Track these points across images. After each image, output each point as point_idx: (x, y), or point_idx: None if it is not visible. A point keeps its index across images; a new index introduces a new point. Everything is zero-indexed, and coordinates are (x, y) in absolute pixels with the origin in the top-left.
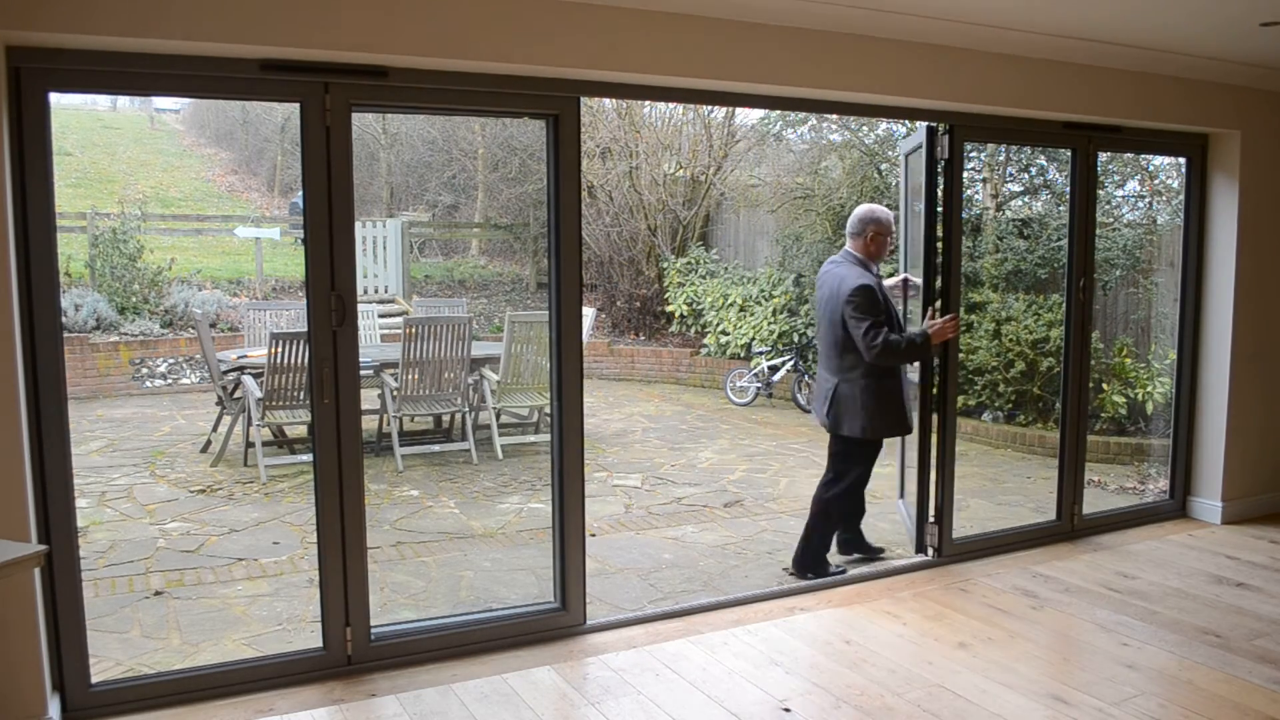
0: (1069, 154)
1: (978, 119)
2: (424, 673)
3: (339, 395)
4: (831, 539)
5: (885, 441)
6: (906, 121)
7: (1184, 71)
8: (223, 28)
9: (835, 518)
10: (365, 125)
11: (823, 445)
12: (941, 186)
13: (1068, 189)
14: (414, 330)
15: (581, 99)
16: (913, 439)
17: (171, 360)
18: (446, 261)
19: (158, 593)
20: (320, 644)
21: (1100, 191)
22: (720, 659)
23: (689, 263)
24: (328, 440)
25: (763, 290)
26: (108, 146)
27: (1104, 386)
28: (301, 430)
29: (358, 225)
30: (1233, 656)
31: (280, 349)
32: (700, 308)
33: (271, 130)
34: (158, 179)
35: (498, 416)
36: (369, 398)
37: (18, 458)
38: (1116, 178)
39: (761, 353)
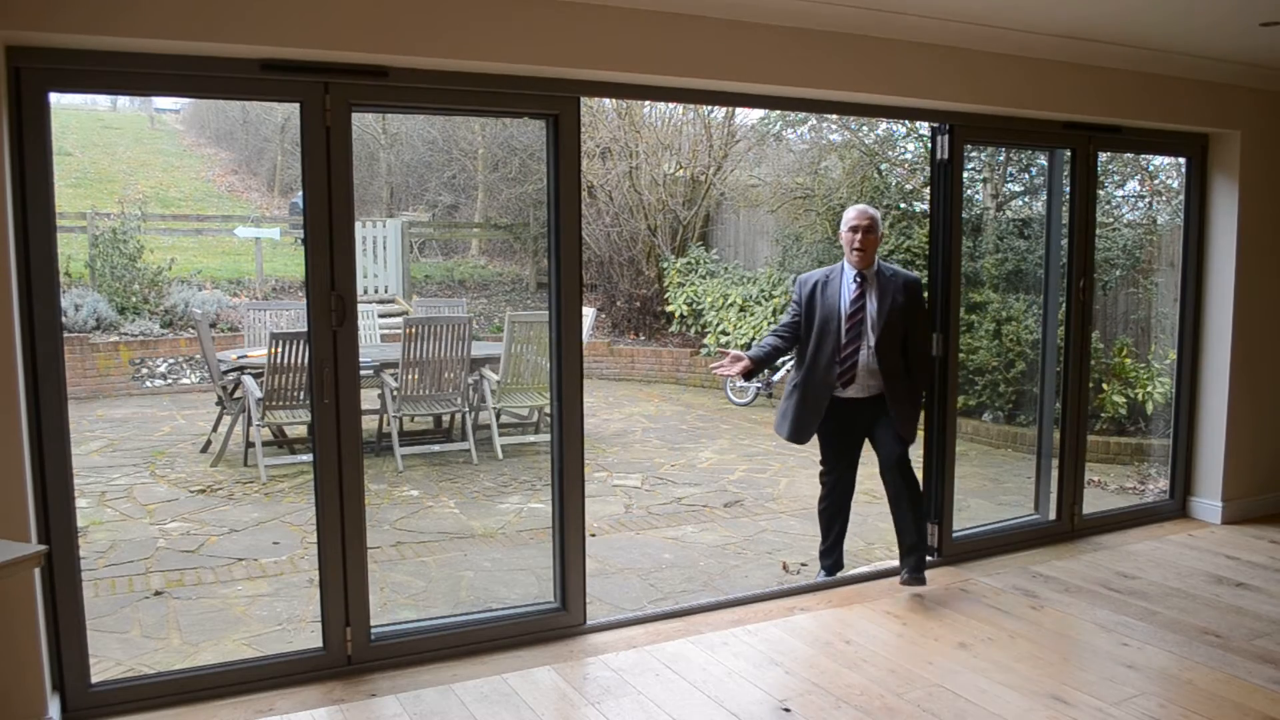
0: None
1: (978, 119)
2: (424, 673)
3: (339, 395)
4: (823, 534)
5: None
6: (906, 121)
7: (1183, 71)
8: (223, 28)
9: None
10: (365, 125)
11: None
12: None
13: (1065, 191)
14: (414, 330)
15: (581, 99)
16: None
17: (171, 360)
18: (446, 261)
19: (158, 593)
20: (320, 644)
21: (1100, 191)
22: (720, 659)
23: (689, 263)
24: (328, 440)
25: (763, 290)
26: (108, 146)
27: (1104, 386)
28: (301, 430)
29: (358, 225)
30: (1233, 656)
31: (280, 349)
32: (700, 308)
33: (271, 130)
34: (158, 179)
35: (498, 416)
36: (369, 398)
37: (18, 458)
38: (1116, 178)
39: None
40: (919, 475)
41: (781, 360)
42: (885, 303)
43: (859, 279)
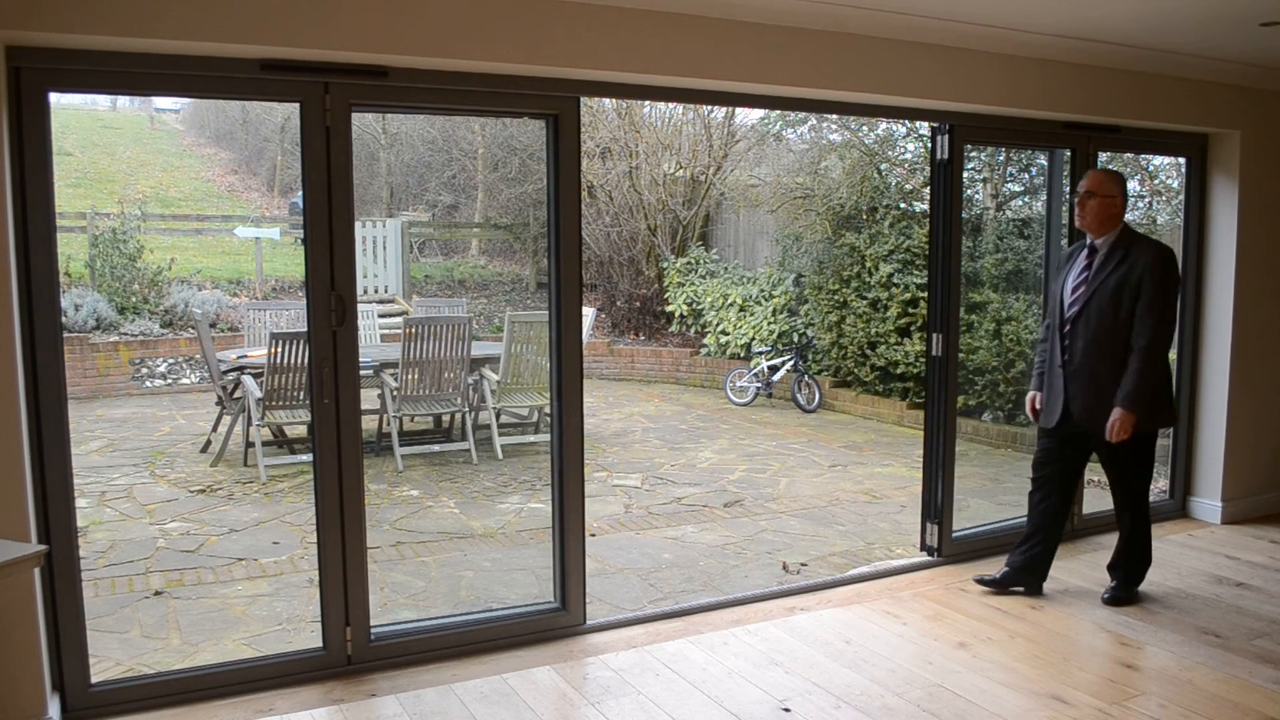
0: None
1: (977, 119)
2: (424, 673)
3: (339, 395)
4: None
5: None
6: (906, 121)
7: (1184, 71)
8: (223, 28)
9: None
10: (365, 125)
11: (822, 445)
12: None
13: (1065, 191)
14: (414, 330)
15: (581, 99)
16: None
17: (171, 360)
18: (446, 261)
19: (158, 593)
20: (320, 644)
21: None
22: (720, 659)
23: (689, 263)
24: (328, 440)
25: (763, 290)
26: (108, 146)
27: None
28: (301, 430)
29: (358, 225)
30: (1233, 656)
31: (280, 349)
32: (700, 308)
33: (271, 130)
34: (158, 179)
35: (498, 416)
36: (369, 398)
37: (18, 458)
38: None
39: (761, 353)
40: (923, 474)
41: (782, 360)
42: (1111, 281)
43: (1090, 249)
